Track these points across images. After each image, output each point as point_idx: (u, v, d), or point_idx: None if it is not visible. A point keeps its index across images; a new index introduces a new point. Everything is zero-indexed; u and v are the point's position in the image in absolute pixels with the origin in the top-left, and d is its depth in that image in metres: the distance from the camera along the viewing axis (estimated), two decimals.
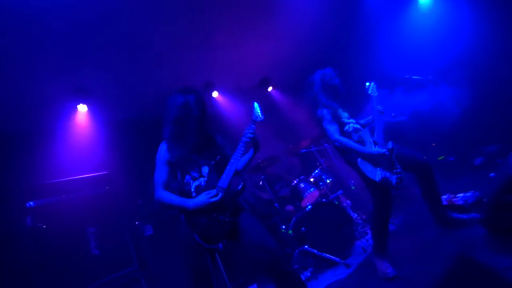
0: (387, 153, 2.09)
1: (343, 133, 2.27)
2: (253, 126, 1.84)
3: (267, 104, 5.45)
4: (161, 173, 1.90)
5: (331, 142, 2.32)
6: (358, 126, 2.32)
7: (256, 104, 1.89)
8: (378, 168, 2.14)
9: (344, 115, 2.34)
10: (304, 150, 4.22)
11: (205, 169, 1.85)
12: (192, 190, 1.81)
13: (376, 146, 2.20)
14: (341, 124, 2.30)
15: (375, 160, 2.14)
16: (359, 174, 2.23)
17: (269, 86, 5.26)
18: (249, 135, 1.83)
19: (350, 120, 2.33)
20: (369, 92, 2.35)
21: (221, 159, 1.89)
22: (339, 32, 4.54)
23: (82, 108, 3.56)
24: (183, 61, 3.81)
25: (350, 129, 2.28)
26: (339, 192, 3.80)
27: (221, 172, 1.81)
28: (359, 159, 2.19)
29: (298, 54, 4.74)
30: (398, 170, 2.14)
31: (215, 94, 4.60)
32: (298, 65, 5.05)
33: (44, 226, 2.58)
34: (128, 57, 3.35)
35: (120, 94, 3.84)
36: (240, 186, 1.83)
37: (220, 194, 1.74)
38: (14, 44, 2.61)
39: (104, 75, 3.45)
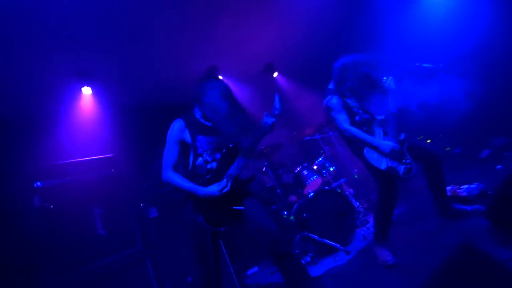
0: (397, 146, 2.08)
1: (353, 123, 2.24)
2: (272, 118, 1.83)
3: (272, 90, 5.40)
4: (172, 152, 1.87)
5: (340, 131, 2.28)
6: (368, 116, 2.28)
7: (277, 96, 1.86)
8: (385, 158, 2.13)
9: (356, 104, 2.29)
10: (308, 137, 4.21)
11: (218, 154, 1.87)
12: (204, 172, 1.83)
13: (387, 137, 2.18)
14: (352, 114, 2.25)
15: (383, 151, 2.13)
16: (365, 163, 2.23)
17: (275, 72, 5.18)
18: (268, 128, 1.82)
19: (361, 110, 2.29)
20: (386, 86, 2.27)
21: (234, 146, 1.90)
22: (346, 18, 4.41)
23: (87, 91, 3.56)
24: (187, 45, 3.75)
25: (361, 119, 2.25)
26: (342, 180, 3.81)
27: (233, 158, 1.85)
28: (365, 148, 2.18)
29: (304, 40, 4.63)
30: (408, 160, 2.13)
31: (219, 78, 4.55)
32: (304, 52, 4.97)
33: (52, 206, 2.64)
34: (132, 41, 3.30)
35: (124, 77, 3.82)
36: (249, 176, 1.86)
37: (229, 185, 1.77)
38: (17, 27, 2.57)
39: (108, 59, 3.41)
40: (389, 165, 2.11)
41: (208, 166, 1.84)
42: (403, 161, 2.12)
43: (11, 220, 2.69)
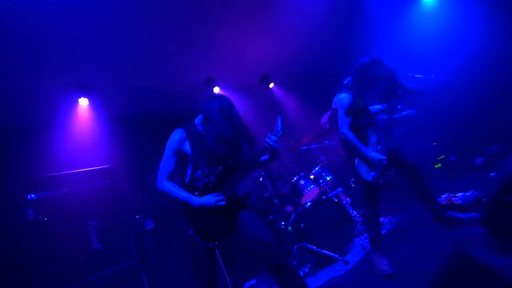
0: (385, 159, 2.13)
1: (357, 125, 2.25)
2: (274, 138, 1.81)
3: (268, 100, 5.45)
4: (169, 162, 1.86)
5: (338, 132, 2.30)
6: (369, 121, 2.30)
7: (279, 119, 1.85)
8: (373, 170, 2.19)
9: (365, 107, 2.30)
10: (305, 147, 4.23)
11: (217, 168, 1.83)
12: (201, 186, 1.81)
13: (379, 147, 2.21)
14: (358, 116, 2.26)
15: (371, 162, 2.18)
16: (354, 172, 2.28)
17: (271, 83, 5.24)
18: (269, 147, 1.81)
19: (366, 114, 2.31)
20: (408, 83, 2.30)
21: (235, 162, 1.87)
22: (341, 29, 4.51)
23: (84, 102, 3.56)
24: (184, 57, 3.80)
25: (363, 123, 2.27)
26: (339, 189, 3.81)
27: (232, 173, 1.83)
28: (357, 158, 2.22)
29: (300, 51, 4.71)
30: (391, 173, 2.18)
31: (216, 89, 4.59)
32: (300, 62, 5.06)
33: (46, 219, 2.59)
34: (130, 53, 3.34)
35: (122, 89, 3.84)
36: (246, 193, 1.85)
37: (226, 198, 1.75)
38: (14, 38, 2.59)
39: (106, 70, 3.44)
40: (374, 176, 2.16)
41: (206, 179, 1.81)
42: (388, 173, 2.18)
43: (4, 233, 2.64)
